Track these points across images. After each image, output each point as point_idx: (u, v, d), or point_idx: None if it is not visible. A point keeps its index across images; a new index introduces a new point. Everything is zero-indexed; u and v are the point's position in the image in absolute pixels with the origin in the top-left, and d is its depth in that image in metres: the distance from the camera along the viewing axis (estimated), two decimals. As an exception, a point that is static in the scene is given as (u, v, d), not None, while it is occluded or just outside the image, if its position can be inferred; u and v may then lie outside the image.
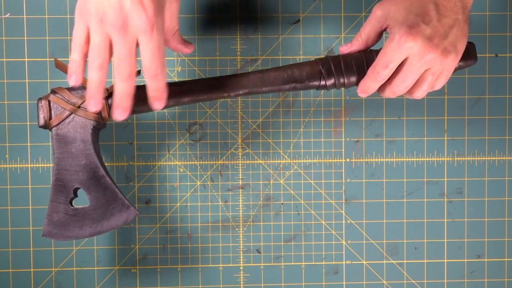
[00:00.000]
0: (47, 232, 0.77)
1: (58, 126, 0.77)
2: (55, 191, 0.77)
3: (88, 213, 0.78)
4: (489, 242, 0.92)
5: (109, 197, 0.78)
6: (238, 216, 0.91)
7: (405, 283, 0.92)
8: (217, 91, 0.77)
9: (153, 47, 0.67)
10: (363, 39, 0.76)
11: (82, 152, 0.78)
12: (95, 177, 0.78)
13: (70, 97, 0.77)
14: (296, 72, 0.77)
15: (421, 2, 0.71)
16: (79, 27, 0.68)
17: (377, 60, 0.73)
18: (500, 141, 0.92)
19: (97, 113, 0.77)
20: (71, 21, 0.88)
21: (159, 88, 0.70)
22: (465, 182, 0.92)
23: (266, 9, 0.89)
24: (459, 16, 0.71)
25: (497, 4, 0.90)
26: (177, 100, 0.77)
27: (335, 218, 0.91)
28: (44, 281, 0.89)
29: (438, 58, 0.70)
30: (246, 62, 0.90)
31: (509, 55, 0.91)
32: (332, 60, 0.76)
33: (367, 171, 0.91)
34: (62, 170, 0.78)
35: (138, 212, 0.78)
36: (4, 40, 0.87)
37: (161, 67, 0.68)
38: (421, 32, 0.69)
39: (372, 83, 0.74)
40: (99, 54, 0.68)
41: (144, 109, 0.77)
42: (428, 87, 0.74)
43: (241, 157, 0.90)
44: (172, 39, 0.78)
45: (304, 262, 0.91)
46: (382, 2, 0.74)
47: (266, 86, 0.77)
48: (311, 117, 0.90)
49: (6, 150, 0.88)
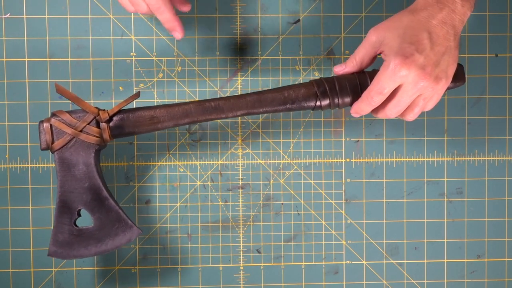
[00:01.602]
0: (53, 252, 0.80)
1: (61, 149, 0.79)
2: (60, 212, 0.79)
3: (92, 233, 0.80)
4: (489, 242, 0.92)
5: (113, 218, 0.80)
6: (238, 216, 0.91)
7: (405, 283, 0.92)
8: (215, 113, 0.79)
9: None
10: (357, 62, 0.78)
11: (85, 175, 0.79)
12: (98, 199, 0.80)
13: (71, 120, 0.78)
14: (292, 93, 0.79)
15: (414, 31, 0.72)
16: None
17: (371, 86, 0.75)
18: (500, 141, 0.92)
19: (98, 136, 0.79)
20: (71, 21, 0.88)
21: (168, 19, 0.77)
22: (465, 182, 0.92)
23: (266, 9, 0.89)
24: (451, 43, 0.74)
25: (497, 4, 0.90)
26: (176, 122, 0.79)
27: (335, 218, 0.91)
28: (44, 281, 0.89)
29: (430, 85, 0.73)
30: (246, 62, 0.90)
31: (509, 55, 0.91)
32: (327, 82, 0.79)
33: (367, 171, 0.91)
34: (66, 192, 0.80)
35: (141, 231, 0.81)
36: (4, 40, 0.87)
37: (163, 2, 0.75)
38: (415, 61, 0.71)
39: (366, 106, 0.77)
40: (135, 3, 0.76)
41: (140, 130, 0.80)
42: (420, 110, 0.77)
43: (241, 157, 0.90)
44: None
45: (304, 262, 0.91)
46: (376, 28, 0.76)
47: (262, 107, 0.79)
48: (311, 117, 0.90)
49: (6, 150, 0.88)
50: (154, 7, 0.75)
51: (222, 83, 0.90)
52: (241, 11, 0.89)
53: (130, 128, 0.79)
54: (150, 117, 0.79)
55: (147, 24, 0.88)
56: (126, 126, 0.79)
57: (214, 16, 0.89)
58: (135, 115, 0.79)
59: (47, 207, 0.89)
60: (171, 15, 0.77)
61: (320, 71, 0.90)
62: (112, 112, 0.78)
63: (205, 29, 0.89)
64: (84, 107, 0.78)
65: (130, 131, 0.79)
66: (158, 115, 0.79)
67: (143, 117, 0.79)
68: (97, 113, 0.78)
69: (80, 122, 0.78)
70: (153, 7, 0.75)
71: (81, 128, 0.78)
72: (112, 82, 0.89)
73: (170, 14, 0.76)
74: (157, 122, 0.79)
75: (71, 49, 0.88)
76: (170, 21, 0.77)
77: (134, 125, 0.79)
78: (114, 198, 0.81)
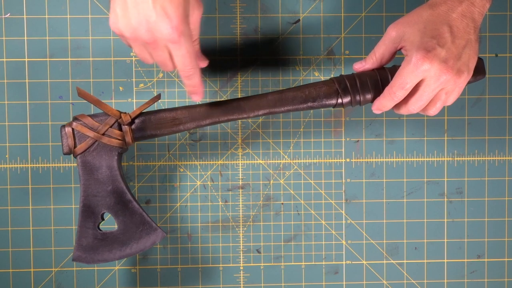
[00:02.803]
0: (77, 257, 0.79)
1: (83, 153, 0.78)
2: (83, 217, 0.79)
3: (116, 237, 0.79)
4: (489, 242, 0.92)
5: (137, 221, 0.79)
6: (238, 216, 0.91)
7: (405, 283, 0.92)
8: (237, 113, 0.79)
9: (183, 54, 0.69)
10: (377, 58, 0.78)
11: (109, 178, 0.79)
12: (122, 202, 0.79)
13: (93, 124, 0.78)
14: (313, 91, 0.79)
15: (435, 24, 0.72)
16: (135, 49, 0.72)
17: (393, 81, 0.75)
18: (500, 141, 0.92)
19: (121, 139, 0.78)
20: (71, 21, 0.88)
21: (195, 85, 0.74)
22: (465, 182, 0.92)
23: (266, 9, 0.89)
24: (471, 36, 0.73)
25: (497, 4, 0.90)
26: (198, 123, 0.79)
27: (335, 218, 0.91)
28: (44, 281, 0.89)
29: (452, 78, 0.73)
30: (246, 62, 0.90)
31: (509, 55, 0.91)
32: (348, 79, 0.78)
33: (367, 171, 0.91)
34: (89, 196, 0.79)
35: (165, 234, 0.80)
36: (4, 40, 0.87)
37: (193, 69, 0.72)
38: (437, 55, 0.71)
39: (388, 102, 0.76)
40: (161, 64, 0.72)
41: (153, 133, 0.79)
42: (442, 104, 0.76)
43: (241, 157, 0.90)
44: None
45: (304, 262, 0.91)
46: (396, 23, 0.75)
47: (284, 106, 0.79)
48: (311, 117, 0.91)
49: (6, 150, 0.88)
50: (186, 74, 0.72)
51: (222, 83, 0.90)
52: (241, 11, 0.89)
53: (152, 130, 0.78)
54: (171, 118, 0.78)
55: (147, 24, 0.88)
56: (148, 128, 0.78)
57: (214, 16, 0.89)
58: (157, 117, 0.78)
59: (47, 207, 0.89)
60: (199, 81, 0.74)
61: (320, 71, 0.90)
62: (134, 114, 0.78)
63: (205, 29, 0.89)
64: (106, 110, 0.77)
65: (152, 133, 0.79)
66: (179, 116, 0.78)
67: (164, 118, 0.78)
68: (119, 115, 0.77)
69: (102, 125, 0.77)
70: (185, 73, 0.72)
71: (103, 131, 0.77)
72: (112, 82, 0.89)
73: (199, 80, 0.74)
74: (179, 124, 0.79)
75: (71, 49, 0.88)
76: (196, 86, 0.75)
77: (156, 127, 0.79)
78: (137, 201, 0.80)
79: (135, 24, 0.67)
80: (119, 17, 0.68)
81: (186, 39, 0.68)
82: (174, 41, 0.67)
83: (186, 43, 0.69)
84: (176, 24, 0.67)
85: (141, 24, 0.67)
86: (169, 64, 0.72)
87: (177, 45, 0.68)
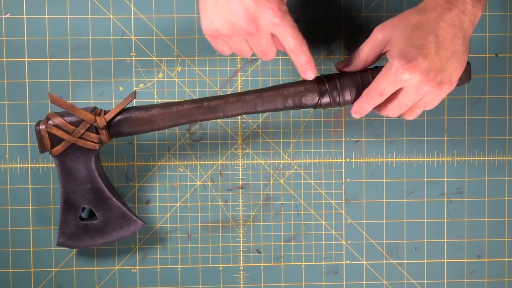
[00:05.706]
0: (61, 242, 0.83)
1: (60, 156, 0.79)
2: (64, 210, 0.82)
3: (98, 227, 0.83)
4: (489, 242, 0.92)
5: (117, 214, 0.83)
6: (238, 216, 0.91)
7: (405, 283, 0.92)
8: (213, 113, 0.78)
9: (290, 32, 0.70)
10: (361, 60, 0.76)
11: (87, 178, 0.81)
12: (101, 199, 0.81)
13: (66, 126, 0.78)
14: (292, 91, 0.78)
15: (421, 33, 0.70)
16: (220, 46, 0.72)
17: (372, 85, 0.74)
18: (500, 141, 0.92)
19: (97, 142, 0.79)
20: (71, 21, 0.88)
21: (307, 60, 0.73)
22: (465, 182, 0.92)
23: (266, 9, 0.89)
24: (458, 48, 0.72)
25: (497, 4, 0.90)
26: (174, 122, 0.79)
27: (335, 218, 0.91)
28: (44, 281, 0.89)
29: (432, 90, 0.72)
30: (246, 62, 0.90)
31: (509, 55, 0.91)
32: (327, 80, 0.77)
33: (367, 171, 0.91)
34: (68, 193, 0.81)
35: (145, 223, 0.84)
36: (4, 40, 0.87)
37: (300, 45, 0.72)
38: (418, 66, 0.70)
39: (366, 105, 0.75)
40: (263, 53, 0.73)
41: (141, 129, 0.79)
42: (420, 111, 0.76)
43: (241, 157, 0.90)
44: None
45: (304, 262, 0.91)
46: (383, 26, 0.74)
47: (261, 107, 0.78)
48: (311, 117, 0.90)
49: (6, 150, 0.88)
50: (297, 51, 0.72)
51: (222, 83, 0.90)
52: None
53: (128, 128, 0.79)
54: (147, 117, 0.78)
55: (147, 24, 0.88)
56: (124, 127, 0.79)
57: (214, 16, 0.89)
58: (132, 116, 0.79)
59: (47, 207, 0.89)
60: (310, 55, 0.73)
61: (320, 71, 0.90)
62: (109, 116, 0.78)
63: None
64: (81, 115, 0.78)
65: (128, 131, 0.79)
66: (155, 115, 0.78)
67: (140, 117, 0.78)
68: (94, 119, 0.78)
69: (77, 129, 0.78)
70: (296, 50, 0.72)
71: (79, 135, 0.78)
72: (112, 82, 0.89)
73: (309, 54, 0.73)
74: (155, 123, 0.79)
75: (71, 49, 0.88)
76: (308, 62, 0.74)
77: (131, 126, 0.79)
78: (117, 196, 0.83)
79: (234, 19, 0.68)
80: (214, 18, 0.69)
81: (289, 17, 0.69)
82: (278, 23, 0.68)
83: (290, 21, 0.69)
84: (277, 5, 0.67)
85: (242, 16, 0.67)
86: (273, 49, 0.72)
87: (282, 26, 0.69)
